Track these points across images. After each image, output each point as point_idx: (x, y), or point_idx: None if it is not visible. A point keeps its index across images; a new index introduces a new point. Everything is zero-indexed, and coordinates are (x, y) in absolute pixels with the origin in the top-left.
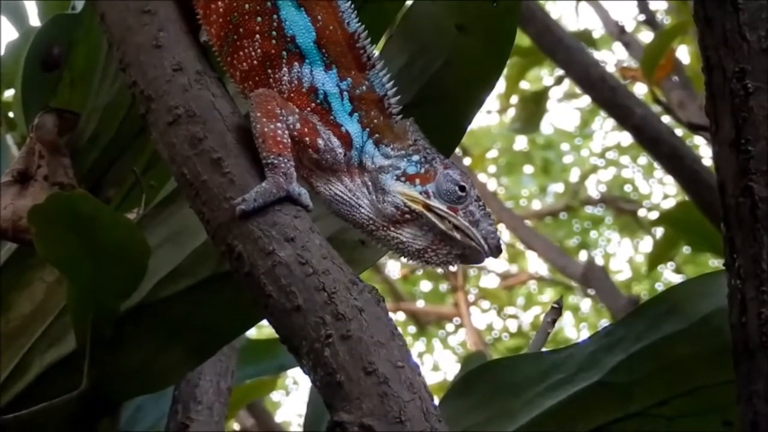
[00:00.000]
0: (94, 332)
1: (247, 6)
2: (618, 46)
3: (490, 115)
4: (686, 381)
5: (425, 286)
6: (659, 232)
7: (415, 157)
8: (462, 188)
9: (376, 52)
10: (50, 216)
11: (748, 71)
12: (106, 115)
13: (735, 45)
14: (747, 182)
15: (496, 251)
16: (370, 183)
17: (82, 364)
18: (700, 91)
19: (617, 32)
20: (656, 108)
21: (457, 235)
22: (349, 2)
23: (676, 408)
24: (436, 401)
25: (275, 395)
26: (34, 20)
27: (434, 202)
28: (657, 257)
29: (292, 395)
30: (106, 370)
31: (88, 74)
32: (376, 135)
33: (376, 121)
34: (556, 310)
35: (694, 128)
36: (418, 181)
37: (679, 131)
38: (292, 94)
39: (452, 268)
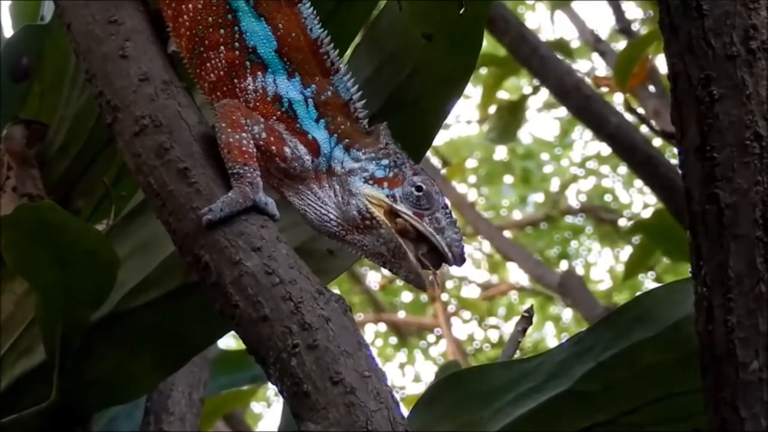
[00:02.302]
0: (63, 343)
1: (210, 19)
2: (595, 56)
3: (470, 125)
4: (656, 388)
5: (406, 296)
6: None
7: (385, 161)
8: (429, 194)
9: (341, 57)
10: (19, 227)
11: (713, 78)
12: (75, 125)
13: (700, 52)
14: (713, 189)
15: (459, 259)
16: (337, 186)
17: (51, 375)
18: None
19: (593, 41)
20: (631, 116)
21: (410, 255)
22: (312, 8)
23: (646, 416)
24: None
25: (256, 407)
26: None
27: (400, 207)
28: (634, 266)
29: (274, 407)
30: (75, 381)
31: (57, 84)
32: (346, 140)
33: (343, 126)
34: (527, 319)
35: (666, 136)
36: (386, 184)
37: (657, 141)
38: (257, 104)
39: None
